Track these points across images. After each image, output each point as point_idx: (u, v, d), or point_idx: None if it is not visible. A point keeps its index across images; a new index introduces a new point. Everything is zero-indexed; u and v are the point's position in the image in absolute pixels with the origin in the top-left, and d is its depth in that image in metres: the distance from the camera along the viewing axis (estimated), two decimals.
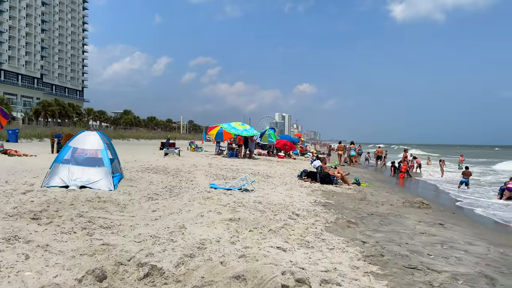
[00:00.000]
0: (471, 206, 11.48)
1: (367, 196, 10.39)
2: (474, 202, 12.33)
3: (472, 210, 10.77)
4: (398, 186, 15.84)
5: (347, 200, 9.24)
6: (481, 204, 12.14)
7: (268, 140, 24.93)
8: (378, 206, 8.74)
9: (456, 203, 12.16)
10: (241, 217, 6.16)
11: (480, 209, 10.89)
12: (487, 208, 11.17)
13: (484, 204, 12.23)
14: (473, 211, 10.48)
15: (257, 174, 12.86)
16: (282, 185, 10.71)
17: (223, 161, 17.76)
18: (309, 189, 10.56)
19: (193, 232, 5.14)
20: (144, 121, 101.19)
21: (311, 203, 8.28)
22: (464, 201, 12.49)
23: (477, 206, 11.50)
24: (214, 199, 7.60)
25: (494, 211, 10.90)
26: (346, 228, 6.23)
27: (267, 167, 16.52)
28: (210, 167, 14.01)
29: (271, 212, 6.83)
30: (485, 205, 11.83)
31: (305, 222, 6.33)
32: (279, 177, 12.79)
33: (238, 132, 20.25)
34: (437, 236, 6.27)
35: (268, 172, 14.16)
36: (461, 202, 12.26)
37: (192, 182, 9.78)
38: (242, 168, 14.55)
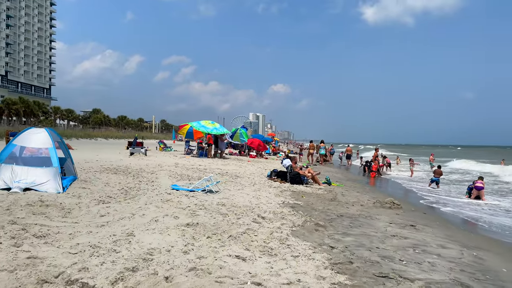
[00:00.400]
0: (441, 205, 11.39)
1: (338, 196, 10.05)
2: (443, 201, 12.28)
3: (442, 209, 10.65)
4: (369, 185, 15.69)
5: (317, 201, 8.85)
6: (451, 203, 12.09)
7: (239, 139, 24.37)
8: (348, 207, 8.39)
9: (426, 203, 12.05)
10: (200, 222, 5.60)
11: (449, 209, 10.79)
12: (456, 207, 11.10)
13: (453, 203, 12.19)
14: (443, 211, 10.35)
15: (225, 174, 12.31)
16: (250, 186, 10.21)
17: (191, 160, 17.09)
18: (278, 189, 10.12)
19: (141, 240, 4.54)
20: (114, 120, 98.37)
21: (279, 204, 7.82)
22: (434, 200, 12.42)
23: (446, 205, 11.42)
24: (174, 202, 7.00)
25: (463, 210, 10.83)
26: (314, 232, 5.79)
27: (237, 166, 15.99)
28: (176, 167, 13.34)
29: (234, 215, 6.30)
30: (454, 204, 11.78)
31: (270, 226, 5.85)
32: (248, 177, 12.29)
33: (208, 130, 19.62)
34: (409, 239, 5.93)
35: (237, 172, 13.63)
36: (431, 202, 12.18)
37: (153, 183, 9.11)
38: (210, 168, 13.95)
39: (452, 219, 9.22)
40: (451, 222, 8.54)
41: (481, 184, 14.08)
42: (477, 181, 14.29)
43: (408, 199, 12.59)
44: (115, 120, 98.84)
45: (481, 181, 14.33)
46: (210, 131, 19.65)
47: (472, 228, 8.41)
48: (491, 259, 5.30)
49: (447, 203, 11.95)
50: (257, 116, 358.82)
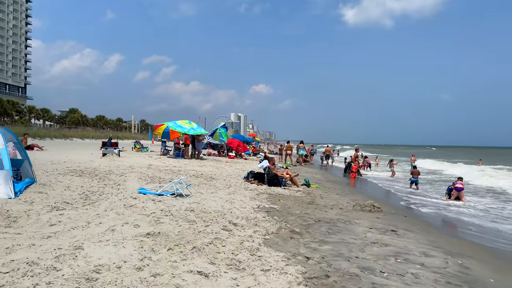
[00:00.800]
0: (422, 207, 11.15)
1: (316, 199, 9.64)
2: (424, 203, 12.06)
3: (422, 211, 10.39)
4: (348, 187, 15.39)
5: (294, 204, 8.40)
6: (431, 204, 11.88)
7: (219, 139, 23.79)
8: (327, 211, 7.97)
9: (406, 204, 11.80)
10: (163, 231, 5.05)
11: (430, 210, 10.55)
12: (436, 209, 10.87)
13: (433, 204, 11.98)
14: (424, 213, 10.09)
15: (199, 176, 11.74)
16: (225, 188, 9.68)
17: (166, 162, 16.42)
18: (255, 192, 9.63)
19: (90, 255, 3.96)
20: (92, 120, 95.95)
21: (253, 209, 7.33)
22: (414, 202, 12.19)
23: (427, 207, 11.19)
24: (138, 208, 6.41)
25: (444, 212, 10.61)
26: (288, 240, 5.32)
27: (214, 168, 15.42)
28: (149, 169, 12.68)
29: (203, 222, 5.77)
30: (434, 206, 11.57)
31: (241, 234, 5.35)
32: (224, 179, 11.76)
33: (185, 130, 18.97)
34: (390, 246, 5.54)
35: (213, 173, 13.08)
36: (411, 203, 11.94)
37: (120, 187, 8.47)
38: (185, 170, 13.35)
39: (433, 222, 8.95)
40: (433, 226, 8.24)
41: (461, 185, 13.98)
42: (457, 182, 14.18)
43: (389, 201, 12.32)
44: (93, 120, 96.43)
45: (460, 181, 14.23)
46: (187, 131, 19.01)
47: (454, 231, 8.13)
48: (476, 267, 4.95)
49: (427, 204, 11.73)
50: (239, 117, 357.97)
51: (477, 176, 23.33)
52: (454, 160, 45.71)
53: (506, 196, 15.02)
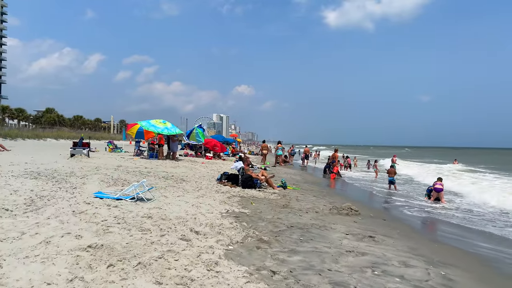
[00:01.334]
0: (401, 209, 10.78)
1: (291, 201, 9.10)
2: (403, 204, 11.70)
3: (401, 214, 10.00)
4: (327, 188, 14.95)
5: (267, 208, 7.82)
6: (410, 206, 11.53)
7: (196, 139, 23.04)
8: (301, 215, 7.42)
9: (385, 206, 11.42)
10: (108, 243, 4.37)
11: (410, 213, 10.17)
12: (416, 211, 10.51)
13: (413, 206, 11.64)
14: (403, 216, 9.70)
15: (169, 178, 11.03)
16: (194, 191, 9.02)
17: (138, 163, 15.60)
18: (226, 195, 9.01)
19: (8, 275, 3.27)
20: (69, 120, 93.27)
21: (221, 214, 6.71)
22: (393, 204, 11.83)
23: (406, 209, 10.82)
24: (88, 215, 5.69)
25: (423, 214, 10.26)
26: (254, 251, 4.72)
27: (188, 169, 14.71)
28: (116, 170, 11.88)
29: (159, 231, 5.11)
30: (414, 208, 11.21)
31: (201, 244, 4.73)
32: (196, 181, 11.08)
33: (159, 130, 18.16)
34: (367, 254, 5.02)
35: (186, 175, 12.38)
36: (390, 205, 11.57)
37: (76, 191, 7.70)
38: (156, 171, 12.61)
39: (413, 225, 8.54)
40: (413, 230, 7.82)
41: (441, 185, 13.73)
42: (437, 183, 13.94)
43: (367, 203, 11.91)
44: (70, 120, 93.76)
45: (440, 182, 13.99)
46: (161, 131, 18.21)
47: (435, 236, 7.72)
48: (461, 279, 4.47)
49: (406, 206, 11.37)
50: (221, 117, 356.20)
51: (427, 176, 23.33)
52: (426, 160, 46.25)
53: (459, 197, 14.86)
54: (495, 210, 11.48)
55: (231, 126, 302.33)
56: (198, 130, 22.73)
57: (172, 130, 18.48)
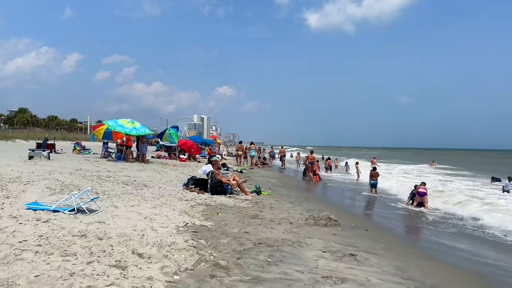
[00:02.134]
0: (384, 215, 9.99)
1: (264, 210, 8.14)
2: (386, 210, 10.93)
3: (385, 221, 9.21)
4: (305, 192, 14.06)
5: (234, 220, 6.81)
6: (393, 212, 10.77)
7: (169, 141, 21.83)
8: (273, 227, 6.46)
9: (367, 213, 10.61)
10: (9, 277, 3.29)
11: (393, 221, 9.38)
12: (400, 218, 9.75)
13: (396, 212, 10.89)
14: (386, 224, 8.89)
15: (130, 184, 9.89)
16: (154, 199, 7.93)
17: (101, 166, 14.34)
18: (191, 203, 7.96)
19: None
20: (44, 120, 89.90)
21: (177, 228, 5.67)
22: (376, 209, 11.05)
23: (389, 215, 10.04)
24: (5, 233, 4.55)
25: (408, 221, 9.49)
26: (206, 282, 3.72)
27: (155, 173, 13.55)
28: (71, 175, 10.64)
29: (87, 255, 4.04)
30: (398, 214, 10.45)
31: (138, 274, 3.69)
32: (160, 186, 9.98)
33: (126, 130, 16.90)
34: (348, 281, 4.10)
35: (150, 180, 11.25)
36: (372, 211, 10.78)
37: (8, 200, 6.48)
38: (117, 176, 11.42)
39: (398, 235, 7.72)
40: (398, 242, 6.97)
41: (424, 189, 13.06)
42: (420, 186, 13.27)
43: (348, 208, 11.08)
44: (45, 121, 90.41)
45: (423, 186, 13.33)
46: (129, 131, 16.96)
47: (422, 249, 6.88)
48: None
49: (389, 212, 10.60)
50: (202, 118, 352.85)
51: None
52: (405, 162, 46.17)
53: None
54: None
55: (212, 127, 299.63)
56: (171, 131, 21.52)
57: (141, 130, 17.26)
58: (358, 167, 24.28)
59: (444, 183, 19.90)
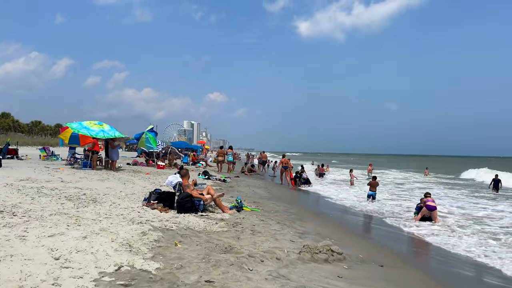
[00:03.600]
0: (394, 236, 8.06)
1: (243, 236, 6.12)
2: (393, 230, 9.01)
3: (399, 246, 7.28)
4: (297, 206, 12.02)
5: (197, 256, 4.76)
6: (404, 231, 8.86)
7: (146, 146, 19.69)
8: (252, 269, 4.44)
9: (374, 235, 8.66)
10: None
11: (409, 245, 7.44)
12: (415, 240, 7.82)
13: (406, 230, 8.99)
14: (403, 251, 6.96)
15: (75, 199, 7.77)
16: (92, 223, 5.84)
17: (57, 175, 12.16)
18: (143, 228, 5.89)
19: None
20: (27, 125, 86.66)
21: (98, 280, 3.62)
22: (382, 228, 9.11)
23: (401, 237, 8.12)
24: None
25: (427, 245, 7.55)
26: None
27: (119, 183, 11.43)
28: (5, 187, 8.51)
29: None
30: (409, 233, 8.54)
31: None
32: (114, 202, 7.89)
33: (92, 133, 14.75)
34: None
35: (107, 193, 9.15)
36: (378, 231, 8.84)
37: None
38: (65, 188, 9.30)
39: (429, 272, 5.76)
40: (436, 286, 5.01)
41: (433, 203, 11.24)
42: (427, 199, 11.44)
43: (349, 227, 9.11)
44: (28, 126, 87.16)
45: (431, 198, 11.51)
46: (96, 135, 14.82)
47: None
48: None
49: (399, 232, 8.69)
50: (192, 124, 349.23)
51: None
52: (394, 169, 44.58)
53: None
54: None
55: (202, 133, 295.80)
56: (148, 135, 19.37)
57: (110, 133, 15.13)
58: (352, 174, 22.54)
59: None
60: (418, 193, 18.26)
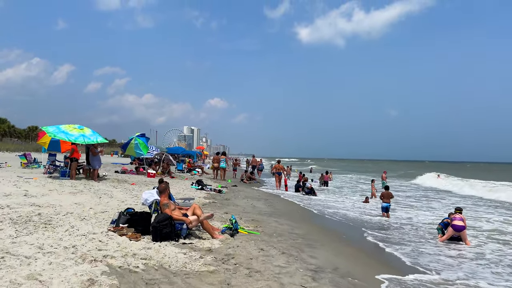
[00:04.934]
0: (429, 269, 6.32)
1: (235, 280, 4.41)
2: (427, 257, 7.27)
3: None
4: (303, 223, 10.26)
5: None
6: (438, 259, 7.14)
7: (134, 153, 18.00)
8: None
9: (404, 262, 6.91)
10: None
11: (449, 284, 5.70)
12: (456, 271, 6.09)
13: (438, 255, 7.28)
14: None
15: (22, 222, 6.05)
16: (26, 263, 4.16)
17: (24, 186, 10.43)
18: (95, 269, 4.19)
19: None
20: (24, 131, 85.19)
21: None
22: (413, 259, 7.33)
23: (437, 269, 6.39)
24: None
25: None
26: None
27: (94, 196, 9.71)
28: None
29: None
30: (444, 262, 6.81)
31: None
32: (74, 224, 6.19)
33: (71, 138, 13.06)
34: None
35: (73, 210, 7.45)
36: (411, 260, 7.08)
37: None
38: (23, 203, 7.60)
39: None
40: None
41: (462, 221, 9.53)
42: (455, 216, 9.73)
43: (375, 257, 7.34)
44: (25, 131, 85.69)
45: (460, 215, 9.79)
46: (75, 140, 13.13)
47: None
48: None
49: (432, 260, 6.95)
50: (192, 130, 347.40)
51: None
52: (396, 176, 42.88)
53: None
54: None
55: (202, 139, 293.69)
56: (138, 140, 17.64)
57: (92, 139, 13.43)
58: (373, 185, 20.61)
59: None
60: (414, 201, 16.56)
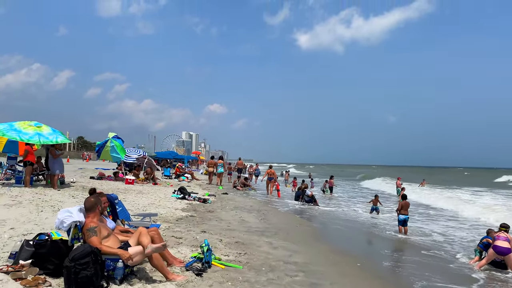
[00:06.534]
0: None
1: None
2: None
3: None
4: (305, 246, 8.03)
5: None
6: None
7: (110, 157, 15.79)
8: None
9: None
10: None
11: None
12: None
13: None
14: None
15: None
16: None
17: None
18: None
19: None
20: None
21: None
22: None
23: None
24: None
25: None
26: None
27: (30, 210, 7.47)
28: None
29: None
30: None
31: None
32: None
33: (24, 138, 10.84)
34: None
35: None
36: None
37: None
38: None
39: None
40: None
41: (507, 242, 7.36)
42: (499, 235, 7.56)
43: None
44: None
45: (505, 234, 7.60)
46: (29, 139, 10.91)
47: None
48: None
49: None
50: (190, 135, 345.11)
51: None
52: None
53: None
54: None
55: (200, 144, 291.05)
56: (114, 142, 15.42)
57: (51, 138, 11.20)
58: (398, 182, 18.95)
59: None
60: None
